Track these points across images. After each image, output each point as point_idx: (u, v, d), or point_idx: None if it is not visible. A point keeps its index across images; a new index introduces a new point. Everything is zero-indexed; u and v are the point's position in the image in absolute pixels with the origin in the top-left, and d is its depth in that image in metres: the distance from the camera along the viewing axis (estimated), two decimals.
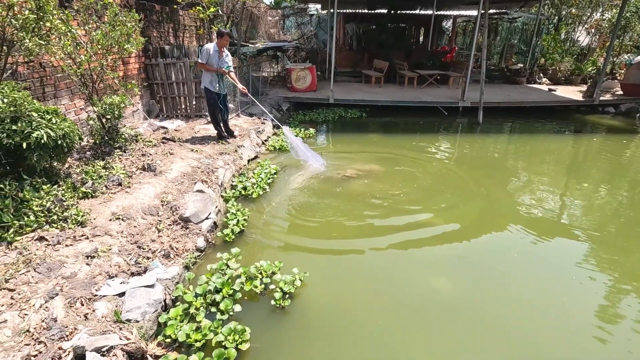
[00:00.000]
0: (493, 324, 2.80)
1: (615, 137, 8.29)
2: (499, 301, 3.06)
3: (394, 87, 11.29)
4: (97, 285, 2.61)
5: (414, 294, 3.11)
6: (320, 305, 2.90)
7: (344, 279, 3.30)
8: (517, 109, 9.79)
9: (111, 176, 3.94)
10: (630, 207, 4.85)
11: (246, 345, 2.42)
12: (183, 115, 7.08)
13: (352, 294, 3.09)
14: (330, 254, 3.66)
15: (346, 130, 8.32)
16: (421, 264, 3.54)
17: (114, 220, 3.32)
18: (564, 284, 3.30)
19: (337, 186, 5.06)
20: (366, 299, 3.03)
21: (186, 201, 3.82)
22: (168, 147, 5.20)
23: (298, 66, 10.17)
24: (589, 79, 12.42)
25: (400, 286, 3.22)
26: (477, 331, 2.74)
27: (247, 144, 6.09)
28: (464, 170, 6.09)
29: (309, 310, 2.83)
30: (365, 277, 3.31)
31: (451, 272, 3.41)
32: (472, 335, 2.70)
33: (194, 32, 8.85)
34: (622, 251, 3.84)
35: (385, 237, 3.94)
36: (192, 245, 3.37)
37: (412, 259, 3.62)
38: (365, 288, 3.17)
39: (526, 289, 3.20)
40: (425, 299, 3.05)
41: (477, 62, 13.08)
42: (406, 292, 3.14)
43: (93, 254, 2.86)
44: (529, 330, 2.74)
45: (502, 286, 3.25)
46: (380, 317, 2.83)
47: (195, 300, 2.75)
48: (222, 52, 5.43)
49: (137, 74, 6.60)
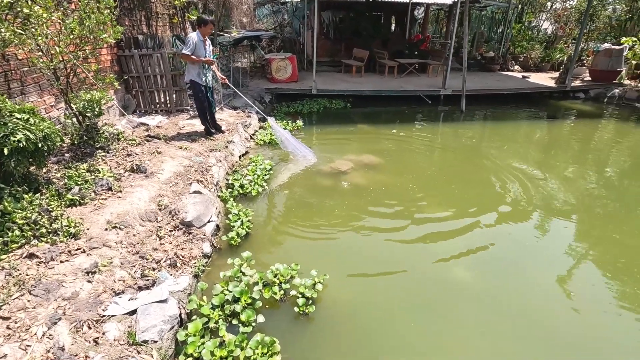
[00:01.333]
0: (518, 311, 2.80)
1: (588, 122, 8.67)
2: (519, 288, 3.07)
3: (375, 77, 11.21)
4: (103, 305, 2.35)
5: (437, 286, 3.07)
6: (346, 309, 2.78)
7: (364, 276, 3.19)
8: (494, 96, 10.00)
9: (99, 180, 3.59)
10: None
11: (278, 358, 2.26)
12: (163, 111, 6.64)
13: (375, 292, 3.00)
14: (344, 251, 3.54)
15: (334, 122, 8.16)
16: (437, 254, 3.49)
17: (110, 229, 3.02)
18: (573, 268, 3.37)
19: (338, 180, 4.93)
20: (391, 296, 2.95)
21: (185, 204, 3.56)
22: (154, 146, 4.84)
23: (278, 56, 9.84)
24: (557, 65, 12.93)
25: (421, 279, 3.16)
26: (505, 318, 2.73)
27: (237, 139, 5.80)
28: (459, 159, 6.13)
29: (336, 315, 2.70)
30: (385, 272, 3.23)
31: (467, 261, 3.39)
32: (502, 323, 2.68)
33: (167, 20, 8.30)
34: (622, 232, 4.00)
35: (396, 230, 3.88)
36: (198, 252, 3.13)
37: (426, 250, 3.56)
38: (387, 284, 3.09)
39: (540, 274, 3.24)
40: (449, 290, 3.02)
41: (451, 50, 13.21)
42: (429, 285, 3.09)
43: (93, 270, 2.57)
44: (549, 314, 2.76)
45: (518, 273, 3.27)
46: (410, 314, 2.77)
47: (213, 313, 2.55)
48: (206, 41, 5.08)
49: (110, 67, 6.09)
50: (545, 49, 13.75)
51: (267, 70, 10.04)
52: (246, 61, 11.89)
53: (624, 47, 10.25)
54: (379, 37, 13.21)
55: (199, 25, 5.00)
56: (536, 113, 9.37)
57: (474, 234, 3.84)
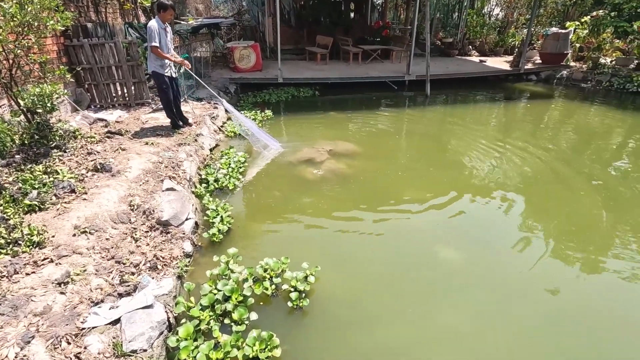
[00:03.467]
0: (507, 286, 2.92)
1: (541, 102, 9.21)
2: (503, 264, 3.21)
3: (341, 64, 11.16)
4: (81, 317, 2.16)
5: (427, 268, 3.12)
6: (340, 299, 2.75)
7: (355, 264, 3.17)
8: (455, 80, 10.32)
9: (59, 182, 3.28)
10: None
11: (278, 352, 2.20)
12: (122, 104, 6.19)
13: (367, 280, 2.98)
14: (330, 241, 3.51)
15: (303, 110, 8.03)
16: (423, 237, 3.56)
17: (79, 234, 2.77)
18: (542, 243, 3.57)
19: (315, 168, 4.86)
20: (384, 282, 2.96)
21: (159, 202, 3.34)
22: (117, 142, 4.50)
23: (240, 44, 9.48)
24: (511, 49, 13.56)
25: (411, 262, 3.20)
26: (496, 294, 2.83)
27: (205, 131, 5.54)
28: (429, 142, 6.28)
29: (330, 306, 2.66)
30: (374, 258, 3.23)
31: (452, 241, 3.48)
32: (493, 300, 2.78)
33: (117, 7, 7.68)
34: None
35: (380, 215, 3.90)
36: (179, 252, 2.96)
37: (413, 234, 3.61)
38: (378, 270, 3.09)
39: (520, 250, 3.40)
40: (439, 271, 3.08)
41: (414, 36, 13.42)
42: (419, 267, 3.14)
43: (66, 280, 2.35)
44: (533, 286, 2.92)
45: (499, 250, 3.41)
46: (404, 297, 2.80)
47: (204, 314, 2.43)
48: (167, 28, 4.75)
49: (57, 58, 5.55)
50: (499, 34, 14.36)
51: (229, 60, 9.66)
52: (205, 50, 11.36)
53: (569, 31, 10.92)
54: (341, 24, 13.14)
55: (158, 11, 4.65)
56: (494, 95, 9.80)
57: (455, 215, 3.95)
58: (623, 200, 4.35)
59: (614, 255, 3.33)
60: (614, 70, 10.46)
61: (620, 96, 9.52)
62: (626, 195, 4.45)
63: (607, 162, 5.47)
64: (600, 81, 10.34)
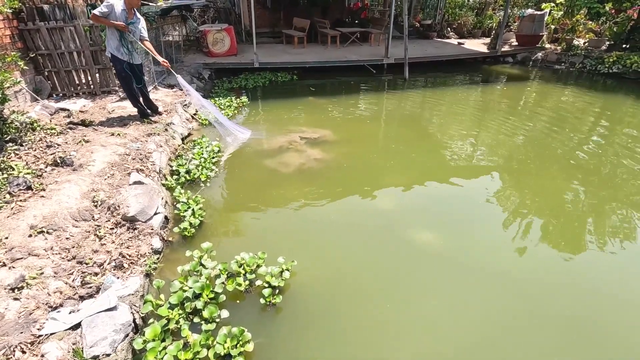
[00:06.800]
0: (485, 269, 2.94)
1: (517, 84, 9.29)
2: (481, 246, 3.23)
3: (318, 47, 10.91)
4: (37, 323, 2.03)
5: (406, 255, 3.11)
6: (316, 293, 2.69)
7: (332, 255, 3.12)
8: (434, 63, 10.27)
9: (13, 179, 3.06)
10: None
11: (251, 346, 2.14)
12: (86, 93, 5.85)
13: (345, 271, 2.93)
14: (307, 232, 3.44)
15: (281, 95, 7.83)
16: (399, 222, 3.54)
17: (36, 234, 2.60)
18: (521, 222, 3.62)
19: (293, 157, 4.75)
20: (362, 274, 2.92)
21: (125, 197, 3.18)
22: (80, 134, 4.25)
23: (214, 27, 9.10)
24: (488, 31, 13.57)
25: (389, 250, 3.18)
26: (474, 278, 2.85)
27: (177, 120, 5.31)
28: (409, 126, 6.23)
29: (305, 303, 2.59)
30: (352, 248, 3.19)
31: (430, 225, 3.48)
32: (473, 284, 2.80)
33: None
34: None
35: (358, 203, 3.86)
36: (147, 249, 2.83)
37: (389, 220, 3.58)
38: (356, 261, 3.05)
39: (497, 231, 3.43)
40: (418, 256, 3.08)
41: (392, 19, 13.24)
42: (397, 254, 3.12)
43: (20, 284, 2.20)
44: (515, 268, 2.95)
45: (476, 231, 3.43)
46: (381, 287, 2.77)
47: (172, 313, 2.33)
48: (132, 13, 4.41)
49: (10, 43, 5.16)
50: (477, 16, 14.33)
51: (202, 44, 9.29)
52: (177, 34, 10.87)
53: (545, 12, 10.98)
54: (318, 4, 12.78)
55: None
56: (472, 78, 9.82)
57: (433, 198, 3.96)
58: (601, 177, 4.46)
59: (595, 233, 3.42)
60: (586, 52, 10.62)
61: (592, 77, 9.70)
62: (604, 172, 4.56)
63: (581, 142, 5.57)
64: (574, 63, 10.50)
